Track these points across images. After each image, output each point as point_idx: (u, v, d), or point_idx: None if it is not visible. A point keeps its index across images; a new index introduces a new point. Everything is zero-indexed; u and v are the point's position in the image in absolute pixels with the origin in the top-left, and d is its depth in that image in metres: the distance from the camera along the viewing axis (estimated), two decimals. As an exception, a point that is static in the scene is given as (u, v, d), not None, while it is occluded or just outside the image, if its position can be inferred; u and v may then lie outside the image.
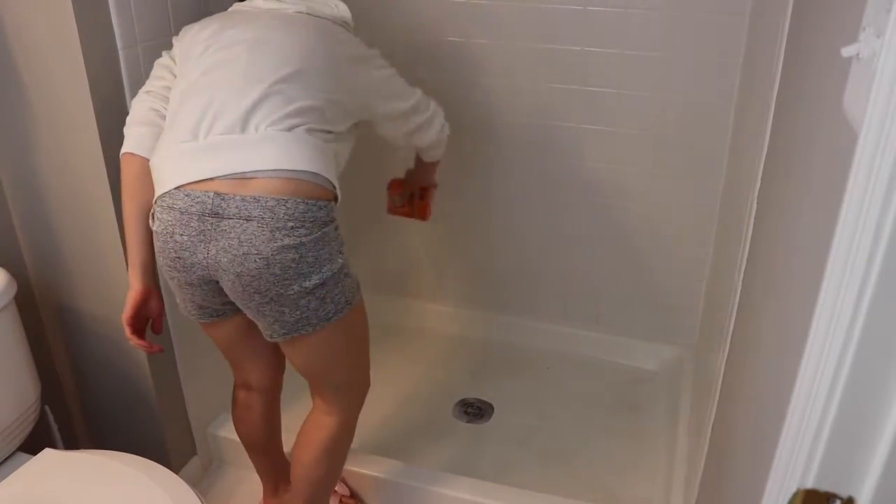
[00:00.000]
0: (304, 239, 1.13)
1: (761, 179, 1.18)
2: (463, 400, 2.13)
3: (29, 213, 1.53)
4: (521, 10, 1.96)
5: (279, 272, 1.14)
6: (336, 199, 1.22)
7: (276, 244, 1.12)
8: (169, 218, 1.17)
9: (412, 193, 1.82)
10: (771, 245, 1.01)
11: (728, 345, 1.31)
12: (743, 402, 1.06)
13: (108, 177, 1.41)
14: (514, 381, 2.21)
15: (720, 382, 1.34)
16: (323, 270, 1.17)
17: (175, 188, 1.16)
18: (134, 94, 1.41)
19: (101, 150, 1.39)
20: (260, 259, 1.13)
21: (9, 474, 1.30)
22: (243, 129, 1.16)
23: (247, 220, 1.12)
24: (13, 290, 1.37)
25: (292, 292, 1.16)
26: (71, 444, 1.73)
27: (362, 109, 1.33)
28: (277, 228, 1.12)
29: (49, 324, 1.66)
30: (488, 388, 2.16)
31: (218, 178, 1.14)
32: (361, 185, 2.31)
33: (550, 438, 1.98)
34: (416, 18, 2.06)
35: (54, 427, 1.55)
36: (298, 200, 1.13)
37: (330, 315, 1.22)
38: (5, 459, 1.37)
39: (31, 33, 1.33)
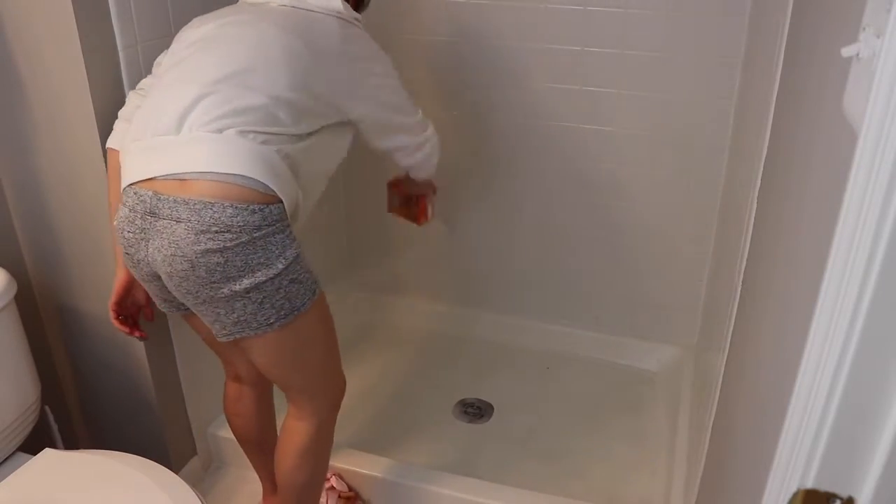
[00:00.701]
0: (228, 244, 1.12)
1: (761, 179, 1.18)
2: (463, 400, 2.13)
3: (29, 213, 1.53)
4: (521, 10, 1.96)
5: (204, 275, 1.14)
6: (281, 202, 1.17)
7: (199, 247, 1.12)
8: (121, 214, 1.19)
9: (409, 195, 1.81)
10: (771, 245, 1.01)
11: (728, 345, 1.31)
12: (743, 402, 1.06)
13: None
14: (514, 381, 2.21)
15: (720, 382, 1.34)
16: (256, 275, 1.14)
17: (127, 185, 1.18)
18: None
19: (101, 150, 1.39)
20: (185, 261, 1.13)
21: (9, 474, 1.30)
22: (178, 130, 1.15)
23: (177, 222, 1.12)
24: (13, 290, 1.37)
25: (222, 295, 1.16)
26: (71, 444, 1.73)
27: (337, 111, 1.28)
28: (202, 232, 1.11)
29: (49, 324, 1.66)
30: (488, 388, 2.16)
31: (158, 178, 1.15)
32: (365, 182, 2.31)
33: (550, 438, 1.98)
34: (416, 18, 2.06)
35: (54, 427, 1.54)
36: (226, 205, 1.11)
37: (271, 321, 1.20)
38: (5, 459, 1.37)
39: (31, 33, 1.33)
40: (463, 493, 1.64)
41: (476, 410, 2.09)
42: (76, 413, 1.77)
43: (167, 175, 1.14)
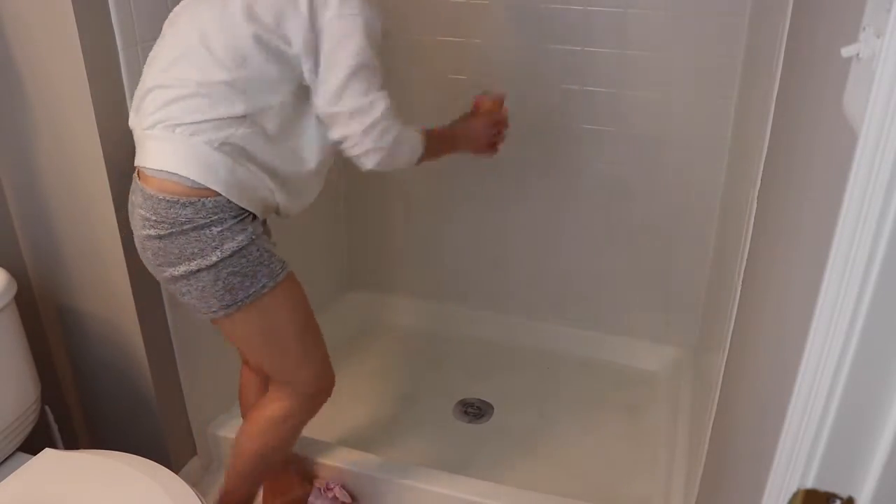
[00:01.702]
0: (162, 233, 1.21)
1: (761, 179, 1.18)
2: (463, 400, 2.13)
3: (29, 213, 1.53)
4: (521, 10, 1.96)
5: (151, 257, 1.26)
6: (219, 195, 1.19)
7: (144, 232, 1.24)
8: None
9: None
10: (771, 245, 1.01)
11: (728, 345, 1.31)
12: (743, 402, 1.06)
13: (108, 177, 1.41)
14: (513, 381, 2.21)
15: (720, 382, 1.34)
16: (190, 264, 1.21)
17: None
18: (133, 95, 1.41)
19: (101, 150, 1.39)
20: (138, 241, 1.27)
21: (9, 474, 1.30)
22: (138, 122, 1.26)
23: (140, 207, 1.24)
24: (13, 290, 1.37)
25: (167, 276, 1.25)
26: (71, 444, 1.73)
27: (283, 48, 1.18)
28: (146, 219, 1.22)
29: (49, 324, 1.66)
30: (488, 388, 2.16)
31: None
32: (365, 181, 2.31)
33: (550, 438, 1.98)
34: (416, 18, 2.06)
35: (54, 427, 1.54)
36: (160, 198, 1.20)
37: (214, 308, 1.26)
38: (5, 459, 1.37)
39: (31, 33, 1.33)
40: (463, 493, 1.64)
41: (476, 410, 2.09)
42: (76, 413, 1.77)
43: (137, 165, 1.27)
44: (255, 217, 1.27)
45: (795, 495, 0.57)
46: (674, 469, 1.76)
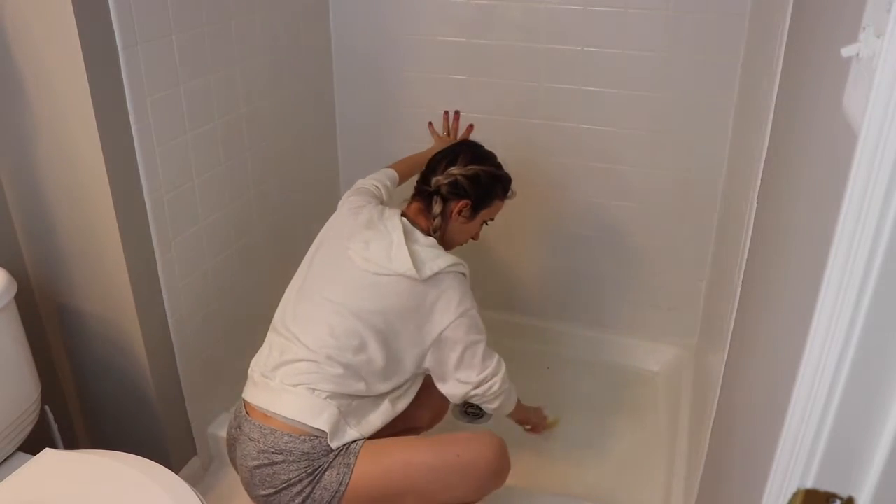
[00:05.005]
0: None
1: (761, 179, 1.18)
2: (463, 400, 2.12)
3: (29, 213, 1.53)
4: (522, 10, 1.96)
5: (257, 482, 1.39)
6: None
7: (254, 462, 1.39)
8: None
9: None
10: (771, 245, 1.01)
11: (728, 345, 1.31)
12: (743, 402, 1.06)
13: (108, 177, 1.41)
14: (514, 381, 2.20)
15: (720, 382, 1.34)
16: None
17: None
18: (134, 94, 1.42)
19: (101, 150, 1.39)
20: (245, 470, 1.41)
21: (9, 474, 1.30)
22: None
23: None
24: (13, 290, 1.37)
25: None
26: (71, 444, 1.73)
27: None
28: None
29: (49, 324, 1.66)
30: (488, 388, 2.16)
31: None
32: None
33: (550, 438, 1.98)
34: (416, 18, 2.06)
35: (54, 427, 1.54)
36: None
37: None
38: (5, 459, 1.37)
39: (30, 33, 1.33)
40: (463, 493, 1.64)
41: (476, 410, 2.09)
42: (76, 413, 1.77)
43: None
44: None
45: (795, 495, 0.57)
46: (674, 469, 1.76)
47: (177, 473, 1.31)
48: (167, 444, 1.71)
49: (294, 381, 1.39)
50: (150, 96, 1.46)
